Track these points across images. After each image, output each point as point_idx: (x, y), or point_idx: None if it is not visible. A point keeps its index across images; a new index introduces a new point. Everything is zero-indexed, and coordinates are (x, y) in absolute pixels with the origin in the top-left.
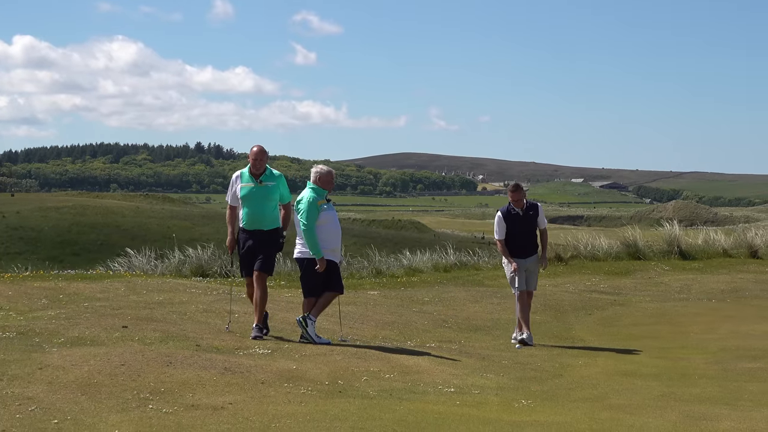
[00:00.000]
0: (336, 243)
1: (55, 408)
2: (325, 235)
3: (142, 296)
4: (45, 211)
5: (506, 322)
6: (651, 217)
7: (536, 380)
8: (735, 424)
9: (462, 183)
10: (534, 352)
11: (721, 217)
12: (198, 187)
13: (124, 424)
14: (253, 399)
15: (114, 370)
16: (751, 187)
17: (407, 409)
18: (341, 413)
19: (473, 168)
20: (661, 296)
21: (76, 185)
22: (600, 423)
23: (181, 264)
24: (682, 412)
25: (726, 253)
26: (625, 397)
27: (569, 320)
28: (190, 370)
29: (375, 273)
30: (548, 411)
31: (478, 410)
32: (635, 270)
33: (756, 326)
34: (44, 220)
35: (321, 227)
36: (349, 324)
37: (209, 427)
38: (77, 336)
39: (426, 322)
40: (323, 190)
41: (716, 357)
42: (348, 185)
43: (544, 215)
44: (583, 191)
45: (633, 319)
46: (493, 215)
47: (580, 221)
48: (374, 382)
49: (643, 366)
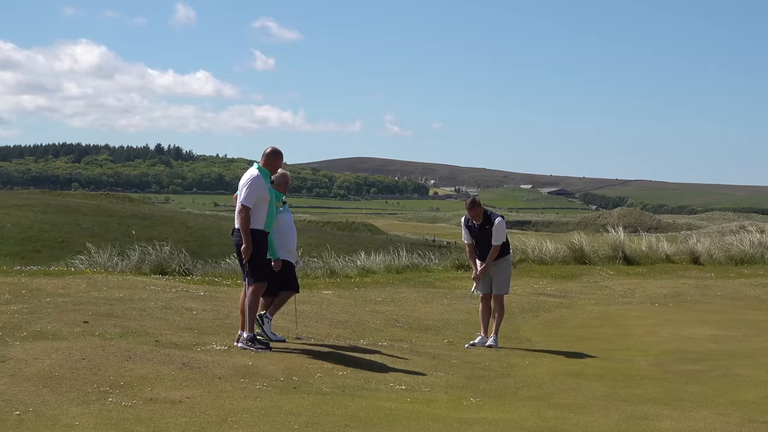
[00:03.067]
0: (292, 244)
1: (17, 400)
2: (282, 236)
3: (102, 293)
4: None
5: (456, 322)
6: (597, 223)
7: (484, 379)
8: (675, 424)
9: (414, 187)
10: (482, 352)
11: (664, 224)
12: (157, 187)
13: (85, 416)
14: (210, 393)
15: (75, 363)
16: (694, 195)
17: (359, 405)
18: (295, 408)
19: (425, 173)
20: (606, 300)
21: (39, 184)
22: (546, 421)
23: (140, 262)
24: (624, 412)
25: (669, 259)
26: (570, 396)
27: (517, 322)
28: (149, 365)
29: (329, 273)
30: (496, 409)
31: (428, 407)
32: (581, 274)
33: (696, 330)
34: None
35: (277, 229)
36: (304, 323)
37: (167, 421)
38: (39, 330)
39: (378, 322)
40: (280, 194)
41: (658, 359)
42: (303, 188)
43: (504, 231)
44: (531, 197)
45: (578, 321)
46: (444, 219)
47: (528, 226)
48: (328, 379)
49: (588, 367)
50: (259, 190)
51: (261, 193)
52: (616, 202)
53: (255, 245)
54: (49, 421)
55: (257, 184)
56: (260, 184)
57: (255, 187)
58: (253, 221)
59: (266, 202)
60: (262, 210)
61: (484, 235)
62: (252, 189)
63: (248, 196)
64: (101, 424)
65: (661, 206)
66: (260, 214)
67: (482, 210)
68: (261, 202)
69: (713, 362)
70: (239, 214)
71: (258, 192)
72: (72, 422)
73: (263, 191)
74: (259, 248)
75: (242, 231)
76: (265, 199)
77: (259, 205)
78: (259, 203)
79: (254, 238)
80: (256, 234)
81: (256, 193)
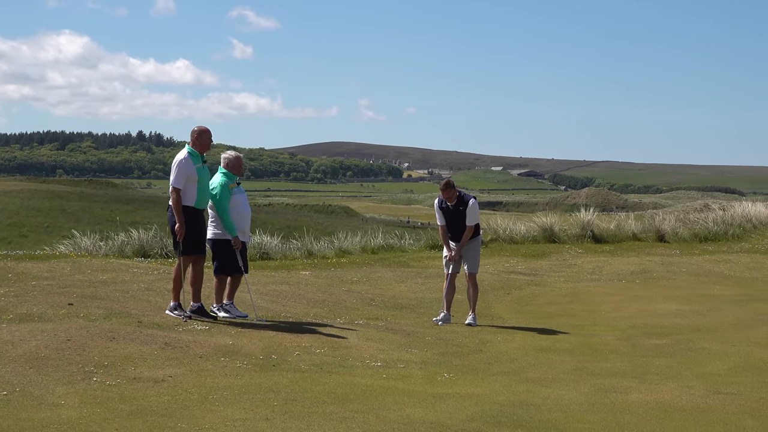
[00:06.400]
0: (246, 224)
1: (4, 380)
2: (236, 216)
3: (86, 275)
4: None
5: (430, 300)
6: (565, 203)
7: (458, 355)
8: (643, 396)
9: (389, 170)
10: (456, 329)
11: (631, 203)
12: (139, 173)
13: (70, 395)
14: (191, 372)
15: (60, 344)
16: (659, 175)
17: (337, 381)
18: (275, 386)
19: (399, 156)
20: (575, 277)
21: (24, 171)
22: (517, 395)
23: (123, 245)
24: (593, 385)
25: (635, 237)
26: (540, 370)
27: (489, 299)
28: (132, 345)
29: (307, 254)
30: (469, 384)
31: (403, 383)
32: (551, 252)
33: (662, 305)
34: None
35: (232, 209)
36: (282, 302)
37: (150, 399)
38: (25, 313)
39: (354, 301)
40: (233, 175)
41: (625, 334)
42: (281, 172)
43: (477, 212)
44: (502, 178)
45: (548, 298)
46: (418, 201)
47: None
48: (306, 357)
49: (558, 342)
50: (188, 171)
51: (189, 173)
52: (584, 183)
53: (186, 223)
54: (36, 401)
55: (185, 165)
56: (188, 165)
57: (183, 169)
58: (184, 199)
59: (195, 182)
60: (191, 189)
61: (458, 216)
62: (180, 170)
63: (177, 177)
64: (86, 402)
65: (627, 186)
66: (190, 193)
67: (456, 192)
68: (190, 182)
69: (679, 336)
70: (171, 195)
71: (186, 172)
72: (58, 401)
73: (191, 171)
74: (189, 225)
75: (175, 211)
76: (193, 179)
77: (189, 185)
78: (188, 183)
79: (185, 216)
80: (187, 211)
81: (184, 173)
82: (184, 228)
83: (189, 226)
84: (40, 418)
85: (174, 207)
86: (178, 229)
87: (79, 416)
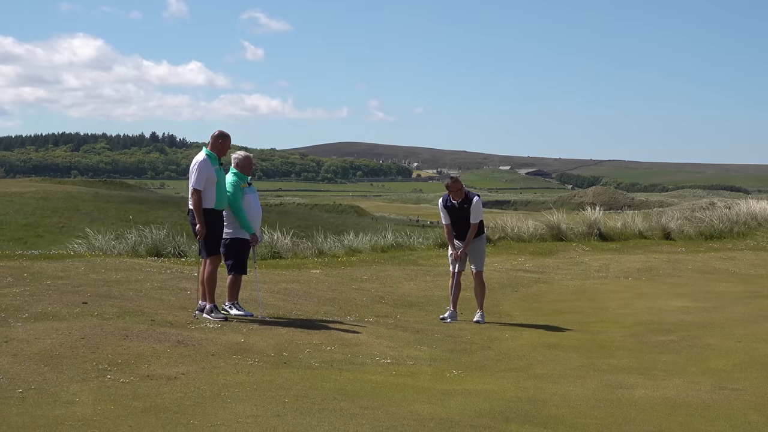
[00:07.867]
0: (257, 222)
1: (20, 378)
2: (247, 216)
3: (100, 275)
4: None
5: (438, 298)
6: (573, 202)
7: (466, 352)
8: (649, 392)
9: (398, 170)
10: (464, 326)
11: (637, 201)
12: (153, 173)
13: (84, 393)
14: (204, 370)
15: (74, 343)
16: (665, 174)
17: (347, 378)
18: (286, 383)
19: (408, 156)
20: (582, 275)
21: (39, 172)
22: (525, 391)
23: (137, 244)
24: (600, 381)
25: (642, 235)
26: (548, 367)
27: (497, 297)
28: (145, 343)
29: (318, 253)
30: (477, 380)
31: (413, 380)
32: (558, 250)
33: (668, 302)
34: (9, 204)
35: (243, 208)
36: (293, 300)
37: (163, 396)
38: (40, 311)
39: (364, 299)
40: (244, 175)
41: (632, 330)
42: (293, 172)
43: (481, 209)
44: (509, 178)
45: (556, 295)
46: (427, 200)
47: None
48: (316, 354)
49: (565, 339)
50: (207, 173)
51: (208, 175)
52: (591, 182)
53: (207, 224)
54: (50, 398)
55: (204, 167)
56: (207, 167)
57: (202, 171)
58: (205, 202)
59: (214, 183)
60: (211, 191)
61: (462, 214)
62: (200, 172)
63: (198, 179)
64: (100, 400)
65: (634, 185)
66: (210, 194)
67: (463, 187)
68: (209, 184)
69: (685, 333)
70: (191, 197)
71: (206, 174)
72: (72, 399)
73: (210, 173)
74: (211, 226)
75: (195, 212)
76: (213, 180)
77: (208, 186)
78: (207, 185)
79: (206, 218)
80: (208, 213)
81: (204, 175)
82: (205, 228)
83: (213, 228)
84: (54, 415)
85: (195, 208)
86: (199, 230)
87: (93, 413)
